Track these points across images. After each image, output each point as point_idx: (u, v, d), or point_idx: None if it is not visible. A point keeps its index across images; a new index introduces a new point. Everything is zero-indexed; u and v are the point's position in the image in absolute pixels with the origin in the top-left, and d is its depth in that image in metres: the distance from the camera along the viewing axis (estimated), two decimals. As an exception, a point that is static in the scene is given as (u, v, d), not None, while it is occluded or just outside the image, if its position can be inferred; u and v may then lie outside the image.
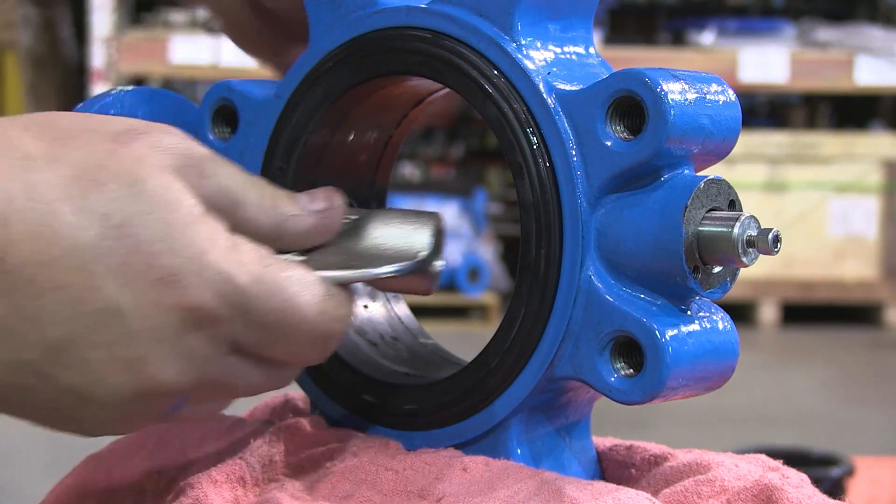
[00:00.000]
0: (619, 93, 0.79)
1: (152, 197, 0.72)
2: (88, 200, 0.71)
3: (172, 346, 0.72)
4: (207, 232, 0.73)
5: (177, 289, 0.72)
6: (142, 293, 0.71)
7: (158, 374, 0.73)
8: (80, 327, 0.71)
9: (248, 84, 0.92)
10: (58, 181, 0.71)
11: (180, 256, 0.72)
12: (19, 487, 3.46)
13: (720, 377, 0.81)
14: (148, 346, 0.72)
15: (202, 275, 0.72)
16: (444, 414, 0.84)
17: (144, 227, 0.72)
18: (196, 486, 0.79)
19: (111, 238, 0.71)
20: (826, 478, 2.35)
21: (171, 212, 0.72)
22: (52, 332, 0.71)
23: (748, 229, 0.78)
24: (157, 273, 0.71)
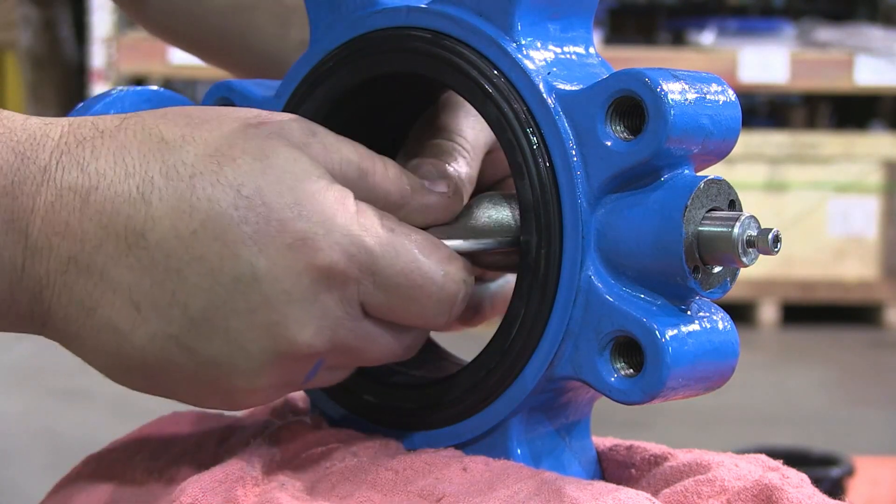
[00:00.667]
0: (619, 93, 0.79)
1: (282, 168, 0.76)
2: (222, 174, 0.75)
3: (307, 308, 0.76)
4: (334, 198, 0.76)
5: (308, 251, 0.75)
6: (275, 258, 0.75)
7: (296, 336, 0.76)
8: (220, 296, 0.75)
9: (248, 84, 0.92)
10: (193, 160, 0.76)
11: (310, 221, 0.75)
12: (19, 487, 3.46)
13: (720, 377, 0.81)
14: (284, 309, 0.75)
15: (331, 237, 0.76)
16: (444, 414, 0.84)
17: (275, 195, 0.75)
18: (195, 487, 0.79)
19: (244, 208, 0.75)
20: (826, 478, 2.35)
21: (299, 181, 0.76)
22: (194, 304, 0.75)
23: (748, 229, 0.78)
24: (289, 238, 0.75)
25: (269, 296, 0.75)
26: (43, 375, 4.58)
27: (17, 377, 4.59)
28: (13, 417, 4.16)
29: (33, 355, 4.74)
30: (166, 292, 0.75)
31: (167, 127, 0.77)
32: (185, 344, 0.76)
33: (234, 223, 0.75)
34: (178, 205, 0.75)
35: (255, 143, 0.77)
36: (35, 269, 0.76)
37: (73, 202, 0.75)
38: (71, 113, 0.93)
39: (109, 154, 0.76)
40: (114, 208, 0.75)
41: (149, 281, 0.75)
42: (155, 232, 0.75)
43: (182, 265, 0.75)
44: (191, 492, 0.79)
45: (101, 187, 0.75)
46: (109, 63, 5.91)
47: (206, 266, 0.75)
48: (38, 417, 4.18)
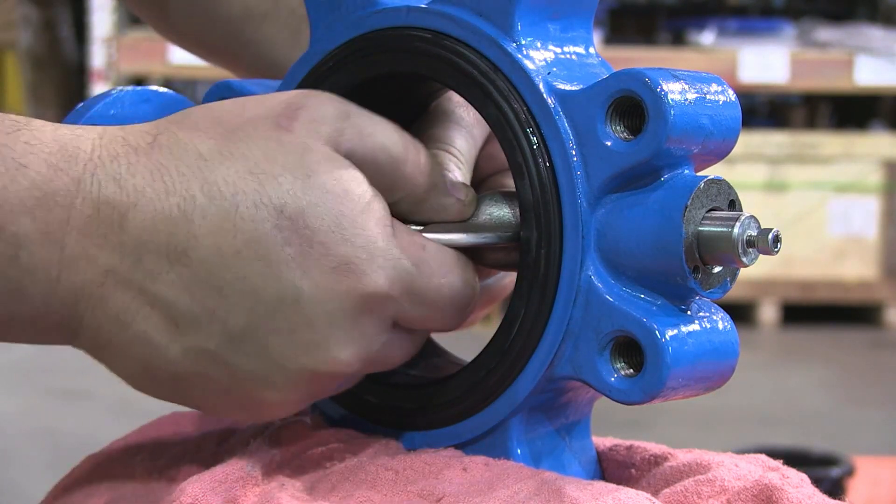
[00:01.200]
0: (619, 93, 0.79)
1: (323, 188, 0.76)
2: (264, 194, 0.75)
3: (348, 330, 0.77)
4: (375, 220, 0.77)
5: (352, 276, 0.76)
6: (318, 281, 0.76)
7: (336, 356, 0.77)
8: (260, 316, 0.76)
9: (248, 84, 0.92)
10: (234, 177, 0.76)
11: (353, 245, 0.76)
12: (19, 487, 3.46)
13: (720, 377, 0.81)
14: (326, 331, 0.76)
15: (374, 261, 0.77)
16: (444, 414, 0.84)
17: (317, 217, 0.76)
18: (195, 487, 0.79)
19: (287, 229, 0.75)
20: (826, 478, 2.35)
21: (341, 203, 0.76)
22: (233, 322, 0.76)
23: (748, 229, 0.78)
24: (333, 262, 0.76)
25: (311, 317, 0.76)
26: (43, 375, 4.58)
27: (17, 377, 4.59)
28: (13, 417, 4.16)
29: (33, 355, 4.73)
30: (206, 309, 0.76)
31: (202, 140, 0.77)
32: (222, 359, 0.77)
33: (278, 245, 0.75)
34: (222, 224, 0.75)
35: (294, 157, 0.76)
36: (70, 281, 0.76)
37: (112, 216, 0.75)
38: (71, 113, 0.93)
39: (147, 172, 0.76)
40: (154, 225, 0.75)
41: (189, 297, 0.76)
42: (198, 250, 0.75)
43: (224, 283, 0.75)
44: (191, 492, 0.79)
45: (140, 204, 0.75)
46: (109, 63, 5.91)
47: (248, 285, 0.76)
48: (38, 417, 4.18)
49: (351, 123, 0.79)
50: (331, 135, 0.78)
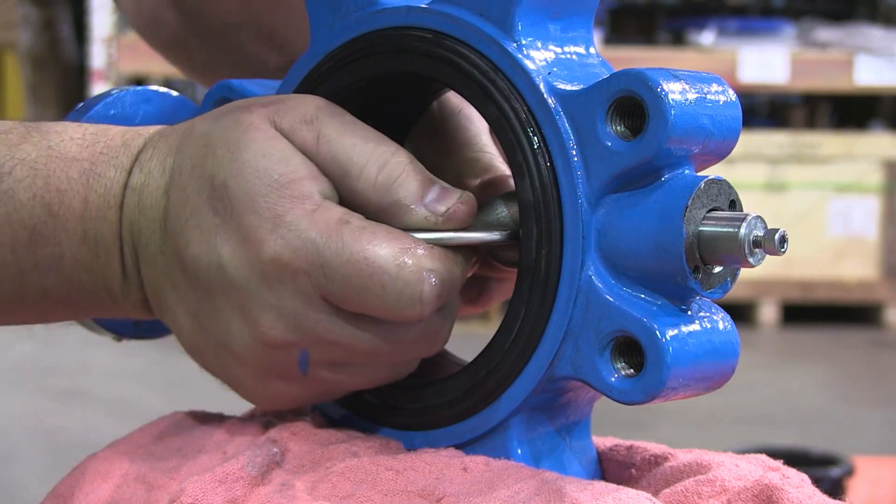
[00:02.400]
0: (620, 93, 0.79)
1: (248, 162, 0.80)
2: (205, 165, 0.81)
3: (264, 295, 0.80)
4: (292, 196, 0.80)
5: (256, 243, 0.79)
6: (234, 248, 0.80)
7: (258, 319, 0.80)
8: (206, 281, 0.81)
9: (249, 84, 0.92)
10: (194, 152, 0.82)
11: (260, 216, 0.79)
12: (19, 487, 3.46)
13: (720, 377, 0.81)
14: (246, 296, 0.80)
15: (277, 231, 0.79)
16: (444, 414, 0.84)
17: (236, 188, 0.80)
18: (196, 487, 0.79)
19: (216, 199, 0.81)
20: (826, 478, 2.35)
21: (258, 177, 0.80)
22: (196, 285, 0.82)
23: (755, 230, 0.78)
24: (243, 231, 0.80)
25: (233, 281, 0.80)
26: (43, 375, 4.59)
27: (17, 377, 4.59)
28: (13, 417, 4.16)
29: (33, 355, 4.74)
30: (180, 275, 0.82)
31: (201, 122, 0.83)
32: (201, 322, 0.83)
33: (210, 214, 0.81)
34: (179, 196, 0.82)
35: (237, 133, 0.81)
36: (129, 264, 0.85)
37: (133, 199, 0.83)
38: (71, 113, 0.94)
39: (160, 155, 0.84)
40: (155, 202, 0.83)
41: (174, 265, 0.82)
42: (168, 221, 0.82)
43: (181, 250, 0.82)
44: (191, 491, 0.79)
45: (149, 184, 0.83)
46: (109, 63, 5.92)
47: (192, 252, 0.81)
48: (38, 417, 4.18)
49: (313, 128, 0.82)
50: (287, 127, 0.82)
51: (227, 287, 0.80)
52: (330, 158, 0.81)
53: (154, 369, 4.57)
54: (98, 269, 0.84)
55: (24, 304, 0.86)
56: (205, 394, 1.21)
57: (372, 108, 0.91)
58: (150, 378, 4.52)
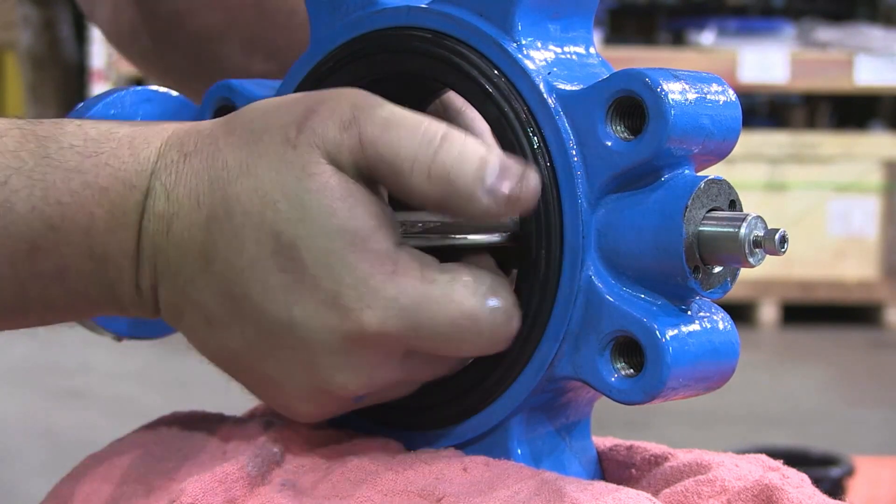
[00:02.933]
0: (620, 93, 0.79)
1: (315, 221, 0.76)
2: (266, 217, 0.77)
3: (344, 359, 0.78)
4: (370, 257, 0.76)
5: (340, 312, 0.76)
6: (309, 311, 0.77)
7: (335, 380, 0.78)
8: (265, 331, 0.78)
9: (249, 84, 0.92)
10: (245, 196, 0.78)
11: (342, 284, 0.76)
12: (19, 487, 3.46)
13: (720, 377, 0.81)
14: (322, 357, 0.78)
15: (363, 300, 0.76)
16: (444, 414, 0.84)
17: (308, 250, 0.76)
18: (195, 486, 0.79)
19: (283, 257, 0.77)
20: (826, 478, 2.35)
21: (331, 240, 0.76)
22: (249, 330, 0.79)
23: (755, 229, 0.78)
24: (321, 295, 0.76)
25: (306, 342, 0.78)
26: (43, 375, 4.59)
27: (17, 377, 4.59)
28: (13, 417, 4.16)
29: (33, 355, 4.74)
30: (228, 314, 0.79)
31: (231, 149, 0.79)
32: (246, 360, 0.80)
33: (275, 271, 0.77)
34: (232, 242, 0.78)
35: (293, 181, 0.77)
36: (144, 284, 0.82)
37: (161, 227, 0.80)
38: (71, 113, 0.93)
39: (187, 181, 0.80)
40: (190, 235, 0.79)
41: (215, 302, 0.79)
42: (216, 262, 0.79)
43: (235, 295, 0.78)
44: (191, 491, 0.79)
45: (180, 215, 0.79)
46: (109, 63, 5.91)
47: (252, 302, 0.78)
48: (38, 417, 4.18)
49: (353, 131, 0.77)
50: (331, 151, 0.77)
51: (295, 343, 0.78)
52: (378, 160, 0.77)
53: (154, 369, 4.57)
54: (106, 281, 0.82)
55: (26, 312, 0.84)
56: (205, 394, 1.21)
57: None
58: (150, 378, 4.52)
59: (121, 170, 0.80)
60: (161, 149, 0.81)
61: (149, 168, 0.80)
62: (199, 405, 0.97)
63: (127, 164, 0.80)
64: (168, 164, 0.80)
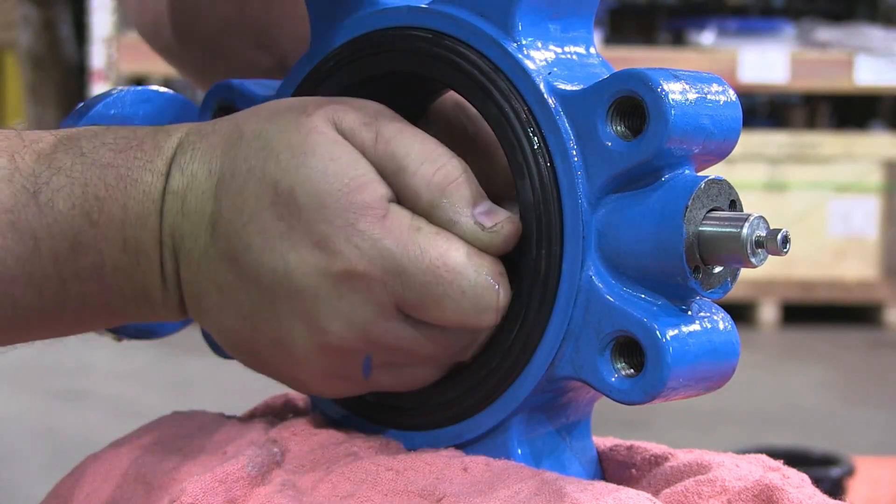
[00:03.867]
0: (620, 93, 0.79)
1: (315, 167, 0.79)
2: (267, 169, 0.80)
3: (333, 304, 0.79)
4: (361, 202, 0.79)
5: (328, 253, 0.79)
6: (303, 255, 0.79)
7: (326, 327, 0.80)
8: (266, 286, 0.80)
9: (249, 84, 0.92)
10: (251, 154, 0.81)
11: (332, 225, 0.79)
12: (19, 487, 3.46)
13: (721, 377, 0.81)
14: (313, 302, 0.80)
15: (351, 241, 0.78)
16: (444, 414, 0.84)
17: (304, 194, 0.79)
18: (196, 487, 0.80)
19: (280, 205, 0.79)
20: (826, 478, 2.35)
21: (328, 183, 0.79)
22: (252, 290, 0.81)
23: (757, 230, 0.78)
24: (314, 238, 0.79)
25: (299, 288, 0.80)
26: (43, 375, 4.59)
27: (17, 377, 4.59)
28: (13, 417, 4.16)
29: (33, 355, 4.73)
30: (233, 278, 0.81)
31: (245, 122, 0.82)
32: (254, 324, 0.82)
33: (273, 219, 0.80)
34: (235, 200, 0.80)
35: (300, 136, 0.80)
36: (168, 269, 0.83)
37: (176, 205, 0.82)
38: (71, 113, 0.94)
39: (202, 156, 0.82)
40: (200, 206, 0.82)
41: (223, 267, 0.81)
42: (220, 225, 0.81)
43: (237, 254, 0.80)
44: (192, 491, 0.79)
45: (193, 187, 0.82)
46: (109, 63, 5.91)
47: (252, 257, 0.80)
48: (38, 417, 4.18)
49: (371, 127, 0.81)
50: (347, 128, 0.81)
51: (291, 293, 0.80)
52: (388, 156, 0.80)
53: (154, 369, 4.57)
54: (138, 275, 0.83)
55: (62, 313, 0.84)
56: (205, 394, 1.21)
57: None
58: (150, 378, 4.52)
59: (148, 160, 0.82)
60: (182, 136, 0.83)
61: (171, 154, 0.83)
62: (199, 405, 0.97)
63: (153, 154, 0.83)
64: (186, 146, 0.83)
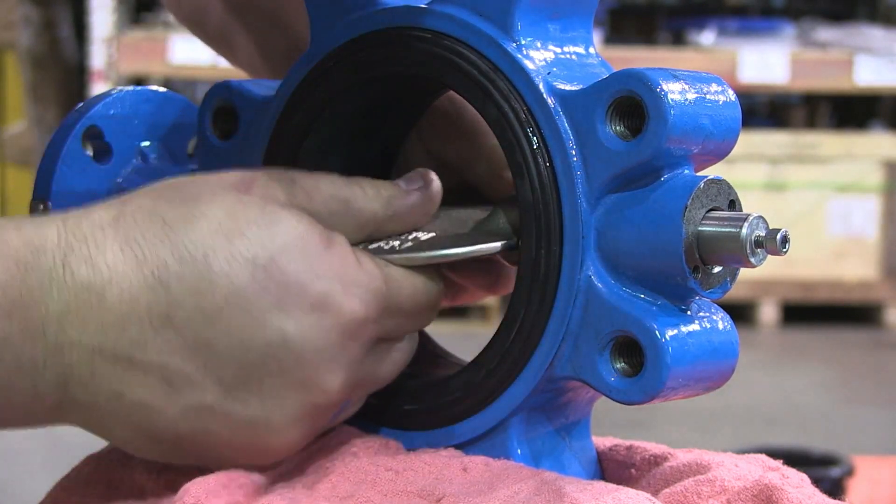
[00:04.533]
0: (619, 93, 0.79)
1: (287, 234, 0.79)
2: (234, 248, 0.78)
3: (336, 360, 0.79)
4: (340, 253, 0.80)
5: (332, 308, 0.79)
6: (302, 320, 0.78)
7: (329, 387, 0.79)
8: (251, 363, 0.78)
9: (249, 84, 0.92)
10: (201, 238, 0.78)
11: (326, 280, 0.79)
12: (19, 487, 3.46)
13: (720, 377, 0.81)
14: (316, 365, 0.79)
15: (349, 290, 0.79)
16: (444, 414, 0.84)
17: (289, 261, 0.78)
18: (198, 489, 0.79)
19: (263, 278, 0.78)
20: (826, 478, 2.35)
21: (307, 243, 0.79)
22: (226, 373, 0.78)
23: (756, 229, 0.78)
24: (311, 299, 0.78)
25: (300, 355, 0.79)
26: (43, 375, 4.58)
27: (17, 377, 4.59)
28: (13, 417, 4.16)
29: (33, 355, 4.73)
30: (198, 366, 0.78)
31: (164, 209, 0.79)
32: (221, 411, 0.79)
33: (257, 294, 0.78)
34: (199, 284, 0.77)
35: (256, 210, 0.79)
36: (58, 367, 0.77)
37: (90, 299, 0.77)
38: (71, 113, 0.93)
39: (116, 246, 0.77)
40: (132, 297, 0.77)
41: (179, 358, 0.78)
42: (180, 313, 0.77)
43: (211, 339, 0.78)
44: (193, 494, 0.79)
45: (114, 279, 0.77)
46: (109, 63, 5.91)
47: (235, 337, 0.78)
48: (38, 417, 4.18)
49: (298, 187, 0.82)
50: (284, 198, 0.81)
51: (289, 364, 0.78)
52: (329, 198, 0.82)
53: (154, 369, 4.55)
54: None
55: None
56: (205, 394, 1.20)
57: (372, 107, 0.91)
58: (150, 378, 4.51)
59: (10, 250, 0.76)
60: (62, 225, 0.78)
61: (49, 246, 0.77)
62: (198, 405, 0.96)
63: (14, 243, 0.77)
64: (80, 238, 0.77)
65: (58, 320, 0.76)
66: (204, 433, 0.79)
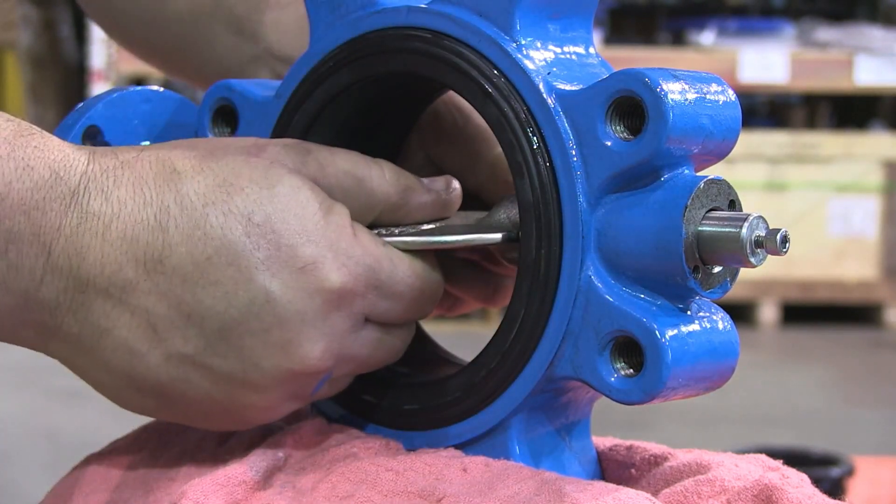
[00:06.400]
0: (619, 93, 0.79)
1: (286, 195, 0.80)
2: (232, 203, 0.79)
3: (319, 326, 0.80)
4: (336, 223, 0.81)
5: (318, 274, 0.80)
6: (288, 281, 0.79)
7: (308, 353, 0.80)
8: (234, 318, 0.79)
9: (248, 84, 0.92)
10: (204, 189, 0.80)
11: (318, 246, 0.80)
12: (19, 487, 3.46)
13: (720, 377, 0.81)
14: (298, 328, 0.79)
15: (338, 259, 0.80)
16: (444, 414, 0.84)
17: (283, 222, 0.80)
18: (197, 489, 0.79)
19: (255, 235, 0.79)
20: (826, 478, 2.35)
21: (303, 208, 0.80)
22: (210, 325, 0.79)
23: (756, 229, 0.78)
24: (300, 262, 0.79)
25: (282, 316, 0.79)
26: (43, 375, 4.58)
27: (17, 377, 4.59)
28: (13, 417, 4.16)
29: (33, 355, 4.73)
30: (183, 314, 0.79)
31: (178, 158, 0.81)
32: (201, 363, 0.80)
33: (248, 250, 0.79)
34: (193, 232, 0.79)
35: (259, 171, 0.81)
36: (53, 285, 0.79)
37: (97, 227, 0.79)
38: (71, 113, 0.93)
39: (129, 184, 0.80)
40: (133, 235, 0.79)
41: (166, 304, 0.79)
42: (172, 258, 0.79)
43: (198, 289, 0.79)
44: (192, 494, 0.79)
45: (122, 215, 0.79)
46: (109, 63, 5.91)
47: (221, 290, 0.79)
48: (38, 417, 4.18)
49: (312, 157, 0.83)
50: (294, 165, 0.82)
51: (269, 324, 0.79)
52: (343, 173, 0.83)
53: (154, 369, 4.55)
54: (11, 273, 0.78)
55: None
56: (205, 394, 1.20)
57: (372, 107, 0.91)
58: (150, 378, 4.51)
59: (49, 157, 0.79)
60: (92, 155, 0.80)
61: (79, 168, 0.79)
62: (198, 405, 0.97)
63: (54, 153, 0.79)
64: (104, 170, 0.80)
65: (66, 238, 0.78)
66: (184, 382, 0.80)
